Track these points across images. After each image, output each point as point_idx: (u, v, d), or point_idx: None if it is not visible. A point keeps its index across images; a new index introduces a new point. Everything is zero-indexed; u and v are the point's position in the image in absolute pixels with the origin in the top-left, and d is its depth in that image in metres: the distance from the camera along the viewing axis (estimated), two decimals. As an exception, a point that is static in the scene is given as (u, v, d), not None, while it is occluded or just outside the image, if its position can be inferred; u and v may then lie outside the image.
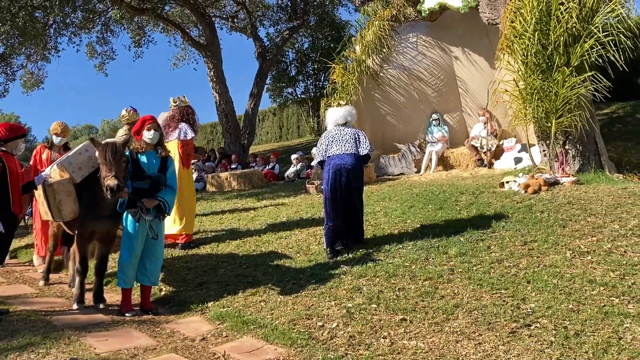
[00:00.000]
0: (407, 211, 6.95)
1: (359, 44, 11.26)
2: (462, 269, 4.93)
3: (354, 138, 5.87)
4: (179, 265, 5.63)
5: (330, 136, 5.97)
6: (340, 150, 5.77)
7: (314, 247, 5.77)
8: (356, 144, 5.84)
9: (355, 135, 5.92)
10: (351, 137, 5.87)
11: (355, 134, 5.95)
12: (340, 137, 5.88)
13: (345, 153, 5.74)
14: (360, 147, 5.84)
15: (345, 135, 5.89)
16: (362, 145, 5.87)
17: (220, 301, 4.58)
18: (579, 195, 6.86)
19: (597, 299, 4.21)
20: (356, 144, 5.84)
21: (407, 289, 4.51)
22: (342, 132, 5.94)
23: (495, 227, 6.01)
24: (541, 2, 8.22)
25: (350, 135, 5.89)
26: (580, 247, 5.31)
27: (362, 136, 5.98)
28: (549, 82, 8.12)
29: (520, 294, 4.33)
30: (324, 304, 4.29)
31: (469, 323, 3.85)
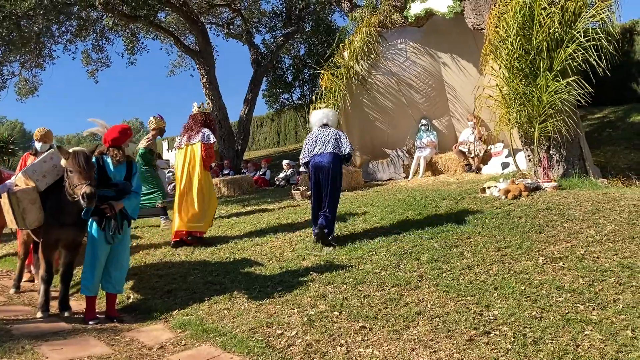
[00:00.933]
0: (385, 217, 6.92)
1: (347, 50, 11.27)
2: (431, 276, 4.90)
3: (334, 138, 6.25)
4: (150, 272, 5.62)
5: (313, 137, 6.38)
6: (321, 150, 6.17)
7: (288, 254, 5.74)
8: (338, 143, 6.24)
9: (336, 136, 6.29)
10: (332, 137, 6.25)
11: (336, 134, 6.32)
12: (322, 138, 6.27)
13: (325, 152, 6.14)
14: (342, 147, 6.23)
15: (326, 136, 6.27)
16: (344, 145, 6.25)
17: (185, 309, 4.56)
18: (558, 201, 6.82)
19: (562, 305, 4.17)
20: (338, 143, 6.24)
21: (373, 296, 4.48)
22: (324, 133, 6.32)
23: (471, 233, 5.98)
24: (524, 7, 8.20)
25: (331, 136, 6.26)
26: (554, 253, 5.28)
27: (342, 136, 6.34)
28: (532, 87, 8.10)
29: (485, 301, 4.30)
30: (286, 311, 4.27)
31: (429, 330, 3.82)
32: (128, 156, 4.87)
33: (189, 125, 6.98)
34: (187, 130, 6.97)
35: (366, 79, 11.48)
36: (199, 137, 6.82)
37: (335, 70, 11.38)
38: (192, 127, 6.93)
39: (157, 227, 7.97)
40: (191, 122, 6.99)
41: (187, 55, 18.45)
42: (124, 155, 4.78)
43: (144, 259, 6.10)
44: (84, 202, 4.26)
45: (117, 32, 17.03)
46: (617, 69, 16.21)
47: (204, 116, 7.08)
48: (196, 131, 6.87)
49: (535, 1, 8.12)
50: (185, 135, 6.96)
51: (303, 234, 6.55)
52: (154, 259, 6.10)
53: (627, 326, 3.77)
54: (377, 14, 10.78)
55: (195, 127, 6.90)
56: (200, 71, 15.88)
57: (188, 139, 6.89)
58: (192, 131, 6.89)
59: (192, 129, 6.90)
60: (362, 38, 10.89)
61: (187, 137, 6.91)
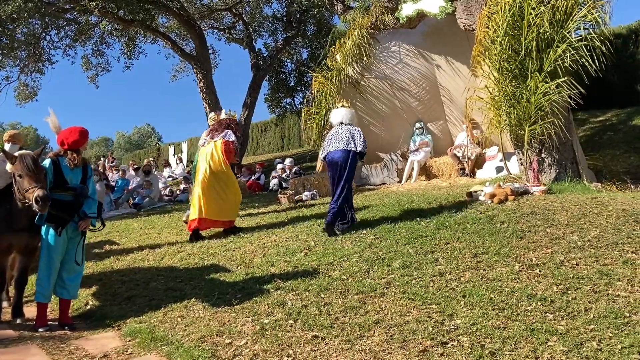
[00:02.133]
0: (366, 222, 6.73)
1: (340, 53, 11.11)
2: (399, 283, 4.71)
3: (348, 136, 6.57)
4: (115, 278, 5.47)
5: (331, 135, 6.78)
6: (336, 147, 6.54)
7: (257, 260, 5.57)
8: (352, 141, 6.52)
9: (350, 134, 6.59)
10: (346, 135, 6.58)
11: (351, 132, 6.62)
12: (337, 135, 6.65)
13: (338, 149, 6.48)
14: (355, 144, 6.50)
15: (341, 134, 6.63)
16: (357, 142, 6.52)
17: (140, 316, 4.41)
18: (544, 205, 6.59)
19: (529, 314, 3.96)
20: (352, 141, 6.52)
21: (334, 303, 4.30)
22: (340, 131, 6.70)
23: (450, 239, 5.78)
24: (513, 7, 7.99)
25: (345, 134, 6.60)
26: (532, 260, 5.06)
27: (357, 134, 6.62)
28: (522, 89, 7.88)
29: (449, 310, 4.10)
30: (241, 319, 4.09)
31: (383, 341, 3.63)
32: (84, 159, 4.73)
33: (214, 127, 7.64)
34: (211, 131, 7.61)
35: (359, 82, 11.31)
36: (221, 134, 7.41)
37: (327, 73, 11.22)
38: (217, 128, 7.57)
39: (134, 232, 7.85)
40: (217, 125, 7.64)
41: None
42: (82, 159, 4.64)
43: (112, 265, 5.97)
44: (37, 207, 4.13)
45: (116, 37, 17.01)
46: (624, 72, 16.03)
47: (229, 120, 7.75)
48: (220, 131, 7.47)
49: (525, 0, 7.91)
50: (209, 134, 7.56)
51: (278, 239, 6.38)
52: (122, 265, 5.96)
53: (594, 337, 3.56)
54: (369, 15, 10.61)
55: (220, 128, 7.52)
56: (197, 75, 15.82)
57: (211, 137, 7.48)
58: (216, 131, 7.50)
59: (217, 130, 7.52)
60: (353, 40, 10.72)
61: (211, 136, 7.50)
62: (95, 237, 7.71)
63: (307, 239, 6.24)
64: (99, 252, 6.65)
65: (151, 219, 8.99)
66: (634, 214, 5.98)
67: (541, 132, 7.68)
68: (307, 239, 6.27)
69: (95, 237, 7.77)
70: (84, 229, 4.55)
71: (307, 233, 6.51)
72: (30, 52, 16.07)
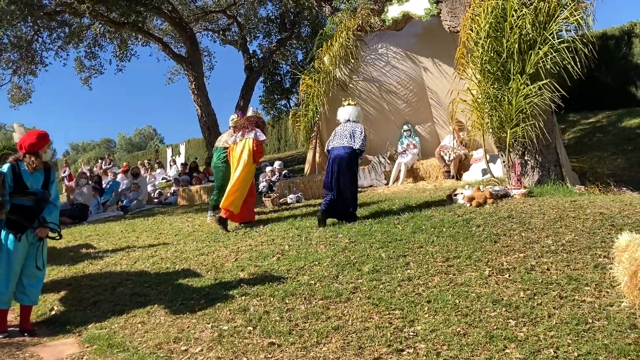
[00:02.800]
0: (342, 225, 6.70)
1: (327, 55, 11.08)
2: (367, 287, 4.67)
3: (349, 133, 7.00)
4: (85, 283, 5.44)
5: (336, 131, 7.25)
6: (337, 143, 6.99)
7: (228, 265, 5.53)
8: (351, 139, 6.93)
9: (351, 131, 7.02)
10: (348, 132, 7.03)
11: (353, 130, 7.05)
12: (340, 133, 7.11)
13: (340, 146, 6.93)
14: (354, 141, 6.92)
15: (344, 131, 7.07)
16: (356, 140, 6.94)
17: (101, 322, 4.37)
18: (522, 209, 6.54)
19: (492, 321, 3.92)
20: (351, 139, 6.93)
21: (296, 309, 4.26)
22: (343, 128, 7.17)
23: (424, 242, 5.73)
24: (496, 9, 7.95)
25: (347, 131, 7.04)
26: (502, 264, 5.01)
27: (357, 131, 7.03)
28: (503, 91, 7.83)
29: (412, 315, 4.06)
30: (200, 325, 4.06)
31: (339, 347, 3.58)
32: (46, 163, 4.68)
33: (244, 124, 7.88)
34: (241, 128, 7.86)
35: (347, 84, 11.27)
36: (252, 134, 7.67)
37: (315, 75, 11.19)
38: (246, 126, 7.81)
39: (114, 236, 7.81)
40: (246, 122, 7.90)
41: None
42: (41, 162, 4.59)
43: (84, 269, 5.93)
44: None
45: (109, 39, 17.01)
46: (616, 73, 15.95)
47: (256, 118, 8.04)
48: (250, 129, 7.73)
49: (507, 2, 7.86)
50: (240, 132, 7.83)
51: (253, 243, 6.34)
52: (94, 269, 5.92)
53: (553, 344, 3.52)
54: (356, 17, 10.57)
55: (250, 126, 7.77)
56: (188, 77, 15.81)
57: (242, 135, 7.75)
58: (247, 129, 7.75)
59: (247, 127, 7.77)
60: (340, 43, 10.69)
61: (242, 134, 7.77)
62: (74, 241, 7.69)
63: (282, 243, 6.20)
64: (74, 256, 6.60)
65: (134, 222, 8.96)
66: (610, 217, 5.93)
67: (522, 135, 7.63)
68: (282, 242, 6.23)
69: (75, 240, 7.76)
70: (42, 237, 4.49)
71: (283, 237, 6.47)
72: (22, 55, 16.07)
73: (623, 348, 3.39)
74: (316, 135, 11.51)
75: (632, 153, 10.16)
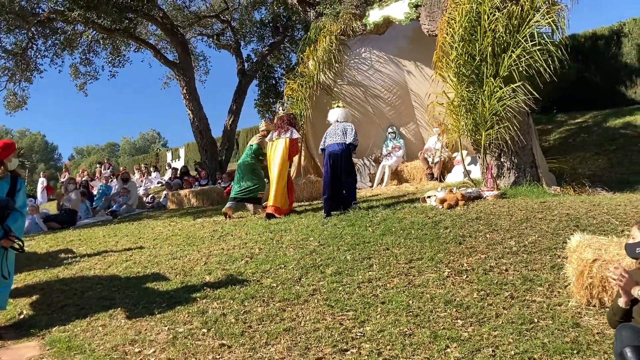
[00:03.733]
0: (315, 228, 6.80)
1: (311, 59, 11.20)
2: (327, 289, 4.78)
3: (342, 131, 7.73)
4: (57, 287, 5.57)
5: (328, 131, 7.95)
6: (332, 141, 7.70)
7: (197, 269, 5.65)
8: (344, 136, 7.67)
9: (344, 129, 7.77)
10: (341, 130, 7.75)
11: (344, 128, 7.80)
12: (333, 132, 7.83)
13: (334, 143, 7.66)
14: (347, 137, 7.66)
15: (337, 130, 7.81)
16: (348, 136, 7.69)
17: (65, 325, 4.49)
18: (491, 210, 6.64)
19: (440, 321, 4.02)
20: (344, 136, 7.67)
21: (253, 311, 4.37)
22: (335, 127, 7.90)
23: (391, 244, 5.84)
24: (470, 13, 8.06)
25: (340, 130, 7.77)
26: (463, 265, 5.12)
27: (349, 129, 7.79)
28: (478, 94, 7.94)
29: (363, 316, 4.17)
30: (158, 328, 4.18)
31: (286, 348, 3.70)
32: (14, 172, 4.81)
33: (278, 124, 8.51)
34: (276, 127, 8.50)
35: (332, 88, 11.38)
36: (287, 133, 8.27)
37: (300, 79, 11.31)
38: (281, 125, 8.43)
39: (95, 240, 7.95)
40: (279, 122, 8.52)
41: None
42: (6, 170, 4.72)
43: (59, 274, 6.06)
44: None
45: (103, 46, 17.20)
46: (606, 73, 16.01)
47: (288, 116, 8.65)
48: (285, 129, 8.33)
49: (481, 6, 7.96)
50: (276, 131, 8.43)
51: (226, 246, 6.46)
52: (68, 273, 6.05)
53: (493, 343, 3.62)
54: (338, 22, 10.69)
55: (284, 125, 8.38)
56: (180, 82, 15.95)
57: (278, 134, 8.35)
58: (282, 128, 8.36)
59: (282, 127, 8.38)
60: (324, 47, 10.81)
61: (278, 133, 8.37)
62: (56, 246, 7.84)
63: (254, 247, 6.32)
64: (52, 261, 6.75)
65: (118, 227, 9.09)
66: (576, 218, 6.02)
67: (496, 137, 7.72)
68: (254, 246, 6.35)
69: (57, 245, 7.91)
70: (6, 247, 4.59)
71: (256, 241, 6.59)
72: (17, 62, 16.26)
73: (559, 346, 3.49)
74: (302, 139, 11.62)
75: (613, 153, 10.24)
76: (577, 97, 16.10)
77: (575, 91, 16.06)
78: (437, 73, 8.57)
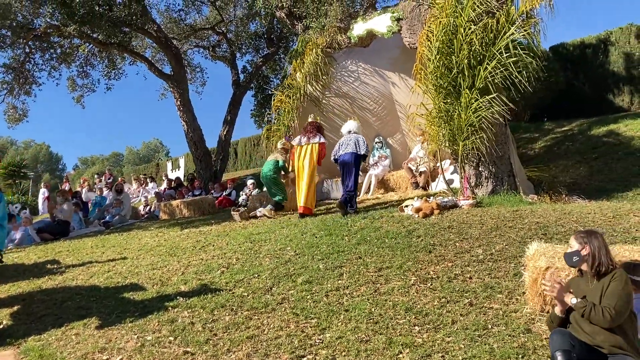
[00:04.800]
0: (294, 238, 6.97)
1: (299, 72, 11.41)
2: (295, 298, 4.94)
3: (354, 142, 8.55)
4: (39, 297, 5.74)
5: (341, 141, 8.79)
6: (345, 150, 8.53)
7: (174, 279, 5.82)
8: (356, 146, 8.48)
9: (356, 141, 8.58)
10: (353, 142, 8.57)
11: (356, 140, 8.60)
12: (346, 143, 8.67)
13: (348, 152, 8.48)
14: (359, 148, 8.46)
15: (349, 141, 8.63)
16: (360, 147, 8.50)
17: (41, 334, 4.66)
18: (464, 219, 6.80)
19: (398, 327, 4.19)
20: (356, 146, 8.48)
21: (221, 320, 4.54)
22: (348, 139, 8.72)
23: (364, 253, 6.00)
24: (447, 26, 8.25)
25: (352, 141, 8.59)
26: (429, 274, 5.28)
27: (360, 140, 8.61)
28: (455, 105, 8.12)
29: (325, 323, 4.33)
30: (128, 336, 4.35)
31: (246, 355, 3.87)
32: None
33: (308, 129, 9.15)
34: (305, 132, 9.15)
35: (320, 100, 11.57)
36: (317, 138, 9.01)
37: (288, 91, 11.52)
38: (310, 130, 9.11)
39: (82, 251, 8.13)
40: (309, 127, 9.17)
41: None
42: None
43: (42, 284, 6.24)
44: None
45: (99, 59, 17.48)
46: (594, 81, 16.17)
47: (316, 124, 9.33)
48: (314, 134, 9.04)
49: (458, 19, 8.16)
50: (305, 136, 9.10)
51: (205, 257, 6.64)
52: (52, 284, 6.23)
53: (444, 349, 3.79)
54: (324, 35, 10.91)
55: (313, 131, 9.07)
56: (174, 94, 16.18)
57: (307, 139, 9.03)
58: (311, 133, 9.06)
59: (311, 132, 9.07)
60: (311, 60, 11.01)
61: (307, 138, 9.05)
62: (44, 257, 8.02)
63: (232, 257, 6.49)
64: (37, 272, 6.93)
65: (107, 238, 9.28)
66: (545, 226, 6.18)
67: (472, 147, 7.90)
68: (232, 256, 6.52)
69: (45, 256, 8.09)
70: None
71: (235, 250, 6.76)
72: (15, 76, 16.53)
73: (506, 351, 3.66)
74: (290, 149, 11.80)
75: (595, 161, 10.38)
76: (565, 106, 16.28)
77: (564, 99, 16.24)
78: (417, 85, 8.76)
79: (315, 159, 8.95)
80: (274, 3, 11.77)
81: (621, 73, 15.36)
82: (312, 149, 8.98)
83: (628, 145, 10.40)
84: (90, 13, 13.33)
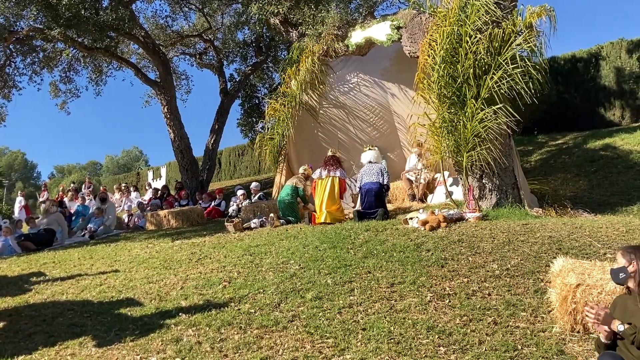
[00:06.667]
0: (296, 251, 6.67)
1: (294, 79, 11.17)
2: (306, 315, 4.64)
3: (377, 172, 8.87)
4: (26, 313, 5.33)
5: (363, 171, 9.09)
6: (369, 179, 8.82)
7: (173, 294, 5.47)
8: (379, 176, 8.80)
9: (379, 170, 8.92)
10: (377, 171, 8.90)
11: (380, 170, 8.96)
12: (369, 171, 8.94)
13: (371, 181, 8.77)
14: (383, 179, 8.81)
15: (372, 170, 8.93)
16: (384, 177, 8.86)
17: (32, 354, 4.28)
18: (473, 233, 6.57)
19: (422, 348, 3.92)
20: (379, 176, 8.80)
21: (230, 339, 4.22)
22: (371, 168, 9.01)
23: (373, 267, 5.73)
24: (451, 35, 8.08)
25: (376, 170, 8.91)
26: (445, 289, 5.03)
27: (384, 170, 8.97)
28: (459, 115, 7.93)
29: (344, 344, 4.04)
30: (130, 357, 3.99)
31: (259, 379, 3.56)
32: None
33: (330, 162, 9.29)
34: (326, 165, 9.26)
35: (316, 108, 11.34)
36: (338, 172, 9.19)
37: (282, 99, 11.26)
38: (332, 164, 9.25)
39: (69, 263, 7.72)
40: (331, 161, 9.31)
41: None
42: None
43: (29, 299, 5.82)
44: None
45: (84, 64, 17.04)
46: (586, 95, 16.20)
47: (337, 158, 9.52)
48: (335, 167, 9.20)
49: (462, 28, 8.00)
50: (325, 169, 9.22)
51: (204, 270, 6.29)
52: (39, 298, 5.81)
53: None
54: (320, 43, 10.69)
55: (335, 164, 9.24)
56: (161, 101, 15.80)
57: (328, 172, 9.18)
58: (332, 167, 9.20)
59: (332, 165, 9.22)
60: (306, 68, 10.78)
61: (328, 171, 9.19)
62: (29, 269, 7.59)
63: (232, 270, 6.16)
64: (23, 285, 6.50)
65: (94, 249, 8.85)
66: (558, 241, 5.98)
67: (478, 158, 7.70)
68: (232, 270, 6.19)
69: (30, 268, 7.66)
70: None
71: (235, 264, 6.43)
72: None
73: (545, 375, 3.40)
74: (284, 159, 11.53)
75: (593, 175, 10.29)
76: (557, 119, 16.30)
77: (555, 113, 16.26)
78: (419, 94, 8.56)
79: (337, 192, 9.07)
80: (270, 9, 11.50)
81: (612, 87, 15.41)
82: (333, 182, 9.09)
83: (627, 159, 10.33)
84: (76, 16, 12.92)
